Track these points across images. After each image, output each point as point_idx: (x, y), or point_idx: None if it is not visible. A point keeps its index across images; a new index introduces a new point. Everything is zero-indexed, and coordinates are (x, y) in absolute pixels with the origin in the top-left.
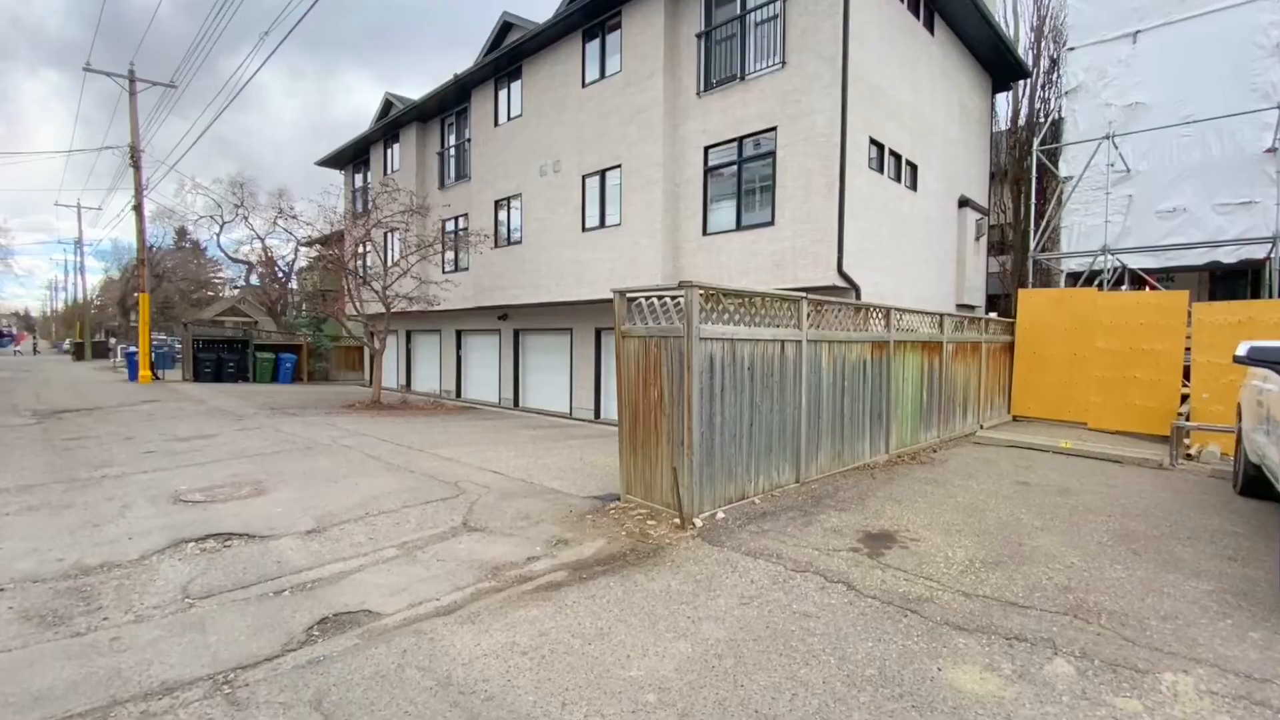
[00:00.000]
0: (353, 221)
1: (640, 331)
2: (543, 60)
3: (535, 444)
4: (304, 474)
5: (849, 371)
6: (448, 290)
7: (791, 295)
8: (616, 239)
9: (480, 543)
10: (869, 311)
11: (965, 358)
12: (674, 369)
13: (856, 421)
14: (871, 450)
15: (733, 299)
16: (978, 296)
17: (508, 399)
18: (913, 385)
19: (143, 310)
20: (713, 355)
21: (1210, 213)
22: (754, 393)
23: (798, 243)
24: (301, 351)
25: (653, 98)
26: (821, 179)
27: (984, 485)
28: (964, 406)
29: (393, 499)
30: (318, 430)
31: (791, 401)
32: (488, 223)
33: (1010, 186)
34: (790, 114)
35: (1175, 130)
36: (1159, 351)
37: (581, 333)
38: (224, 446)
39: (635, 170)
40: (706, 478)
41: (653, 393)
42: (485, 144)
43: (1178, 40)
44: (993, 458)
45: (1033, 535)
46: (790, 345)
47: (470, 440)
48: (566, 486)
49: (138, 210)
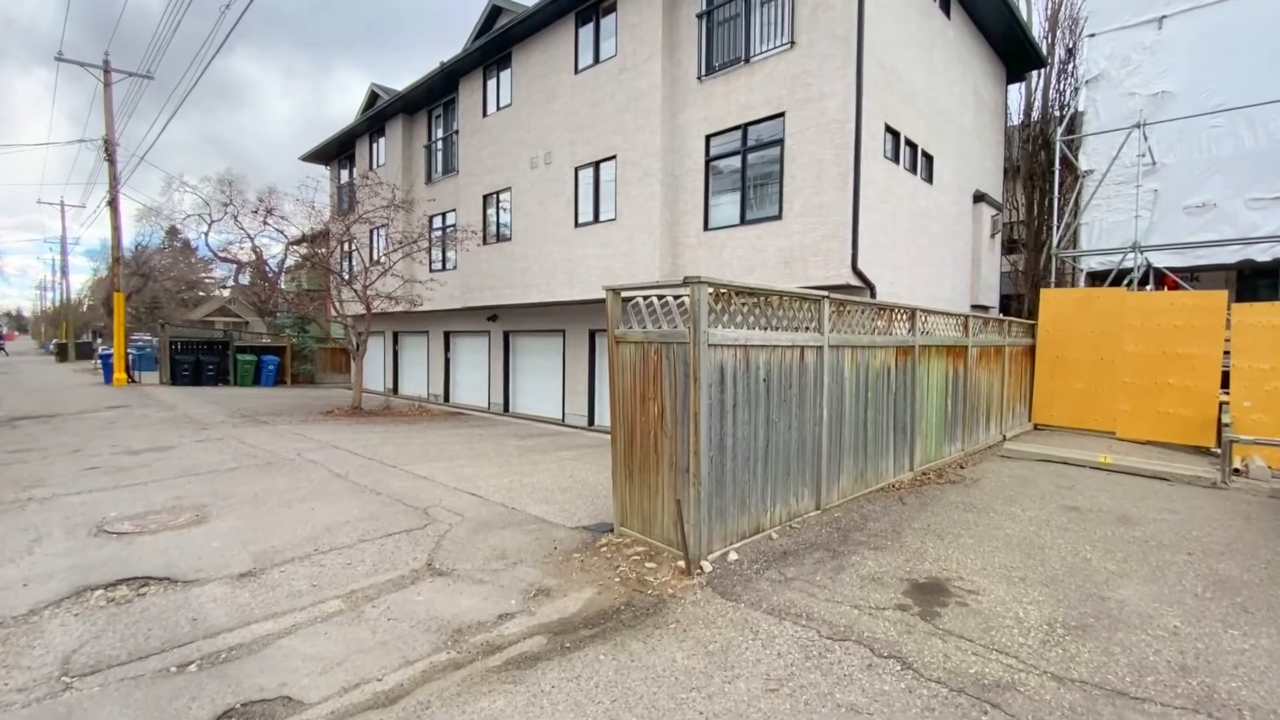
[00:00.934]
0: (337, 218)
1: (637, 336)
2: (533, 46)
3: (522, 457)
4: (256, 497)
5: (872, 380)
6: (433, 290)
7: (812, 294)
8: (611, 235)
9: (444, 592)
10: (893, 313)
11: (989, 363)
12: (677, 381)
13: (880, 437)
14: (895, 468)
15: (746, 298)
16: (993, 297)
17: (497, 404)
18: (937, 394)
19: (117, 311)
20: (723, 364)
21: (1242, 208)
22: (770, 407)
23: (808, 238)
24: (285, 353)
25: (650, 83)
26: (834, 169)
27: (1030, 512)
28: (987, 416)
29: (350, 530)
30: (285, 441)
31: (811, 416)
32: (476, 219)
33: (1023, 182)
34: (800, 98)
35: (1204, 121)
36: (1195, 356)
37: (574, 335)
38: (177, 462)
39: (631, 161)
40: (716, 511)
41: (652, 408)
42: (473, 135)
43: (1207, 25)
44: (1028, 475)
45: (1112, 584)
46: (810, 352)
47: (451, 453)
48: (552, 513)
49: (112, 206)
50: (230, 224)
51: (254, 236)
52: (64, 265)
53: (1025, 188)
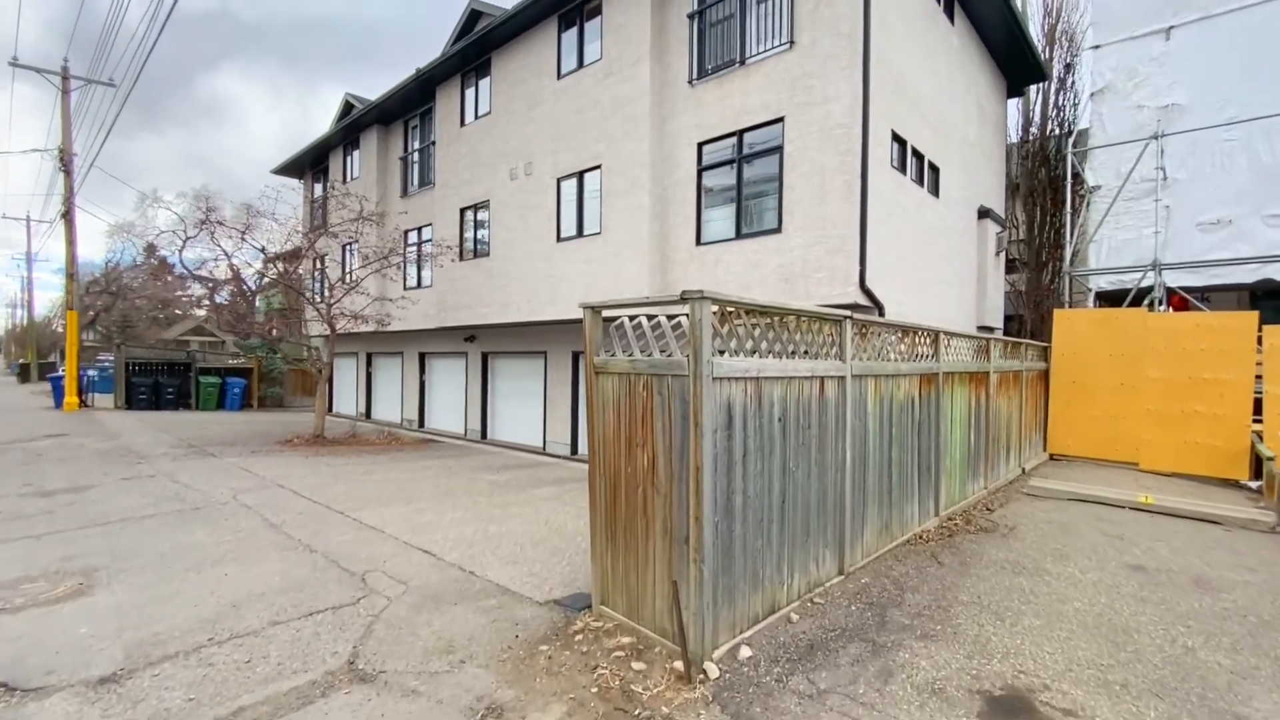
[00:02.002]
0: (308, 234)
1: (622, 366)
2: (514, 51)
3: (493, 496)
4: (163, 557)
5: (897, 414)
6: (405, 308)
7: (831, 314)
8: (596, 250)
9: (363, 711)
10: (916, 337)
11: (1007, 389)
12: (672, 423)
13: (905, 479)
14: (920, 514)
15: (758, 318)
16: (998, 317)
17: (474, 430)
18: (960, 426)
19: (70, 329)
20: (731, 402)
21: (1259, 225)
22: (786, 453)
23: (810, 253)
24: (252, 375)
25: (638, 88)
26: (839, 177)
27: (1090, 574)
28: (1007, 447)
29: (263, 606)
30: (225, 479)
31: (833, 461)
32: (453, 233)
33: (1022, 200)
34: (801, 102)
35: (1216, 135)
36: (1224, 382)
37: (557, 356)
38: (90, 507)
39: (617, 171)
40: (723, 592)
41: (640, 457)
42: (450, 145)
43: (1218, 35)
44: (1066, 521)
45: (1238, 690)
46: (831, 383)
47: (412, 492)
48: (519, 579)
49: (67, 218)
50: (206, 240)
51: (230, 255)
52: (29, 282)
53: (1025, 205)
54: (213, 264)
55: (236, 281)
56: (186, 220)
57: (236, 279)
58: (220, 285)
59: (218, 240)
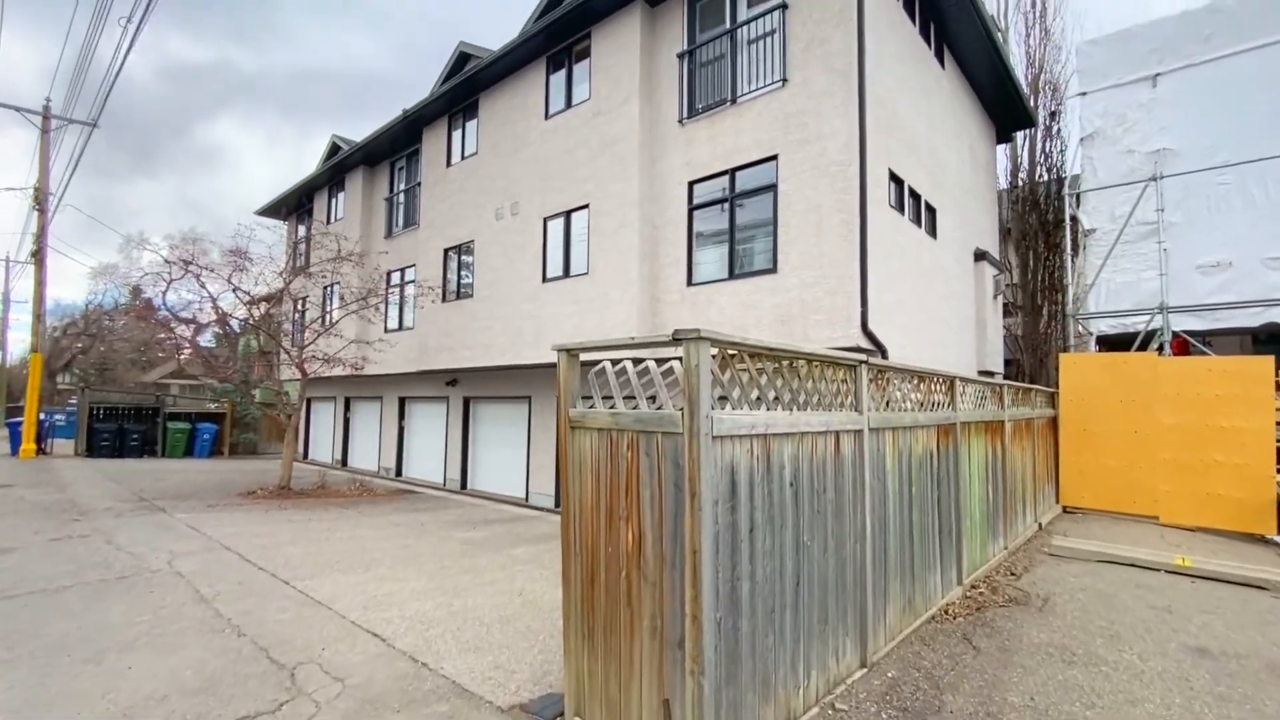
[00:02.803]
0: (289, 275)
1: (603, 420)
2: (501, 92)
3: (464, 559)
4: (61, 642)
5: (915, 471)
6: (383, 351)
7: (845, 358)
8: (583, 290)
9: None
10: (931, 383)
11: (1021, 439)
12: (663, 491)
13: (926, 544)
14: (944, 583)
15: (765, 361)
16: (998, 361)
17: (454, 480)
18: (979, 481)
19: (33, 373)
20: (734, 465)
21: (1260, 267)
22: (800, 524)
23: (808, 294)
24: (224, 421)
25: (627, 127)
26: (836, 215)
27: (1151, 661)
28: (1023, 501)
29: (162, 716)
30: (165, 541)
31: (852, 530)
32: (436, 274)
33: (1014, 244)
34: (795, 139)
35: (1210, 178)
36: (1242, 429)
37: (541, 402)
38: (2, 575)
39: (606, 211)
40: (728, 709)
41: (624, 534)
42: (435, 186)
43: (1204, 82)
44: (1103, 589)
45: None
46: (848, 439)
47: (375, 555)
48: (480, 674)
49: (37, 257)
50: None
51: (216, 297)
52: (4, 323)
53: (1018, 249)
54: (196, 306)
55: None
56: (171, 262)
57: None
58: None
59: (203, 282)
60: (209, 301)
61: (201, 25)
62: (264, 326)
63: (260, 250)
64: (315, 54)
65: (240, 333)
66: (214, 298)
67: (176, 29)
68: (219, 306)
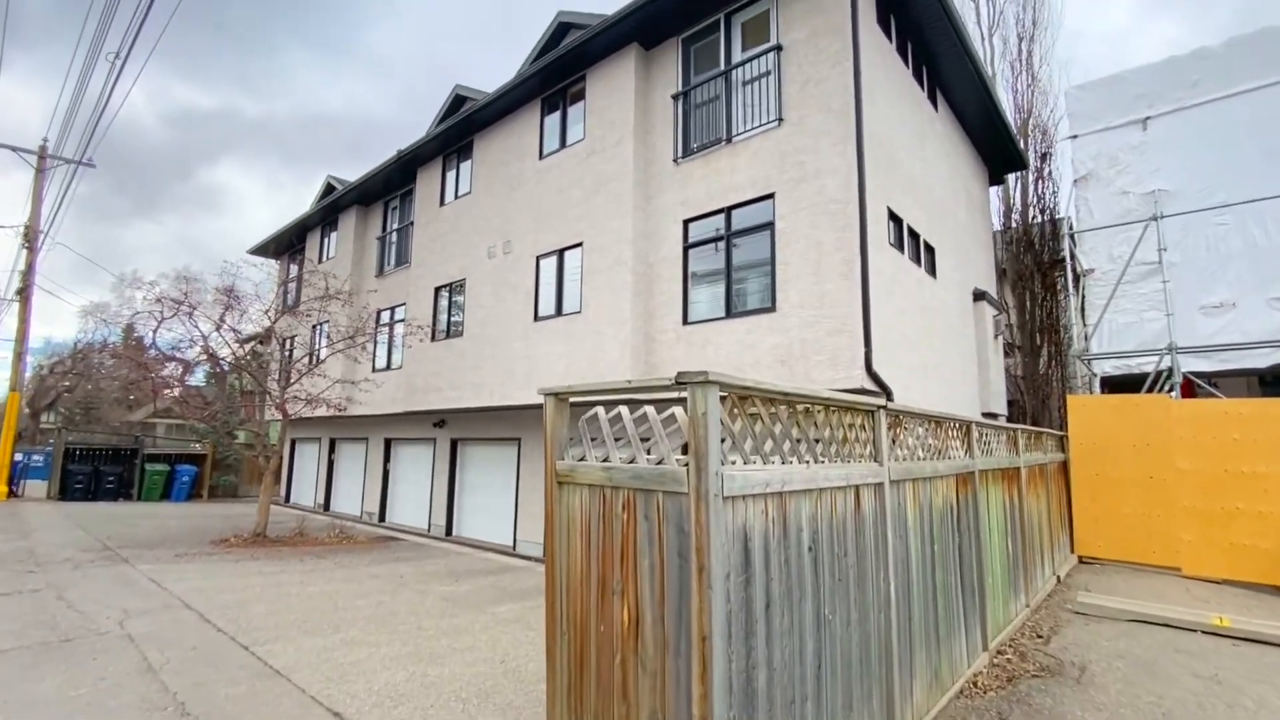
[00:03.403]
0: (267, 311)
1: (595, 475)
2: (496, 132)
3: (444, 619)
4: None
5: (936, 525)
6: (369, 391)
7: (863, 403)
8: (575, 329)
9: None
10: (948, 429)
11: (1035, 485)
12: (664, 561)
13: (950, 607)
14: (969, 650)
15: (780, 406)
16: (1001, 403)
17: (439, 526)
18: (999, 533)
19: (9, 412)
20: (748, 530)
21: (1264, 307)
22: (820, 595)
23: (808, 333)
24: (205, 462)
25: (621, 166)
26: (836, 254)
27: None
28: (1041, 553)
29: None
30: (122, 597)
31: (875, 598)
32: (426, 312)
33: (1011, 284)
34: (792, 178)
35: (1208, 218)
36: (1265, 475)
37: (531, 444)
38: None
39: (599, 249)
40: None
41: (618, 611)
42: (428, 225)
43: (1194, 125)
44: (1140, 653)
45: None
46: (868, 493)
47: (346, 615)
48: None
49: (22, 295)
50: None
51: (206, 336)
52: None
53: (1014, 290)
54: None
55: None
56: (163, 300)
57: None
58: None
59: (195, 321)
60: (199, 340)
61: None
62: (247, 367)
63: (247, 288)
64: (318, 100)
65: (227, 372)
66: (205, 336)
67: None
68: (209, 345)
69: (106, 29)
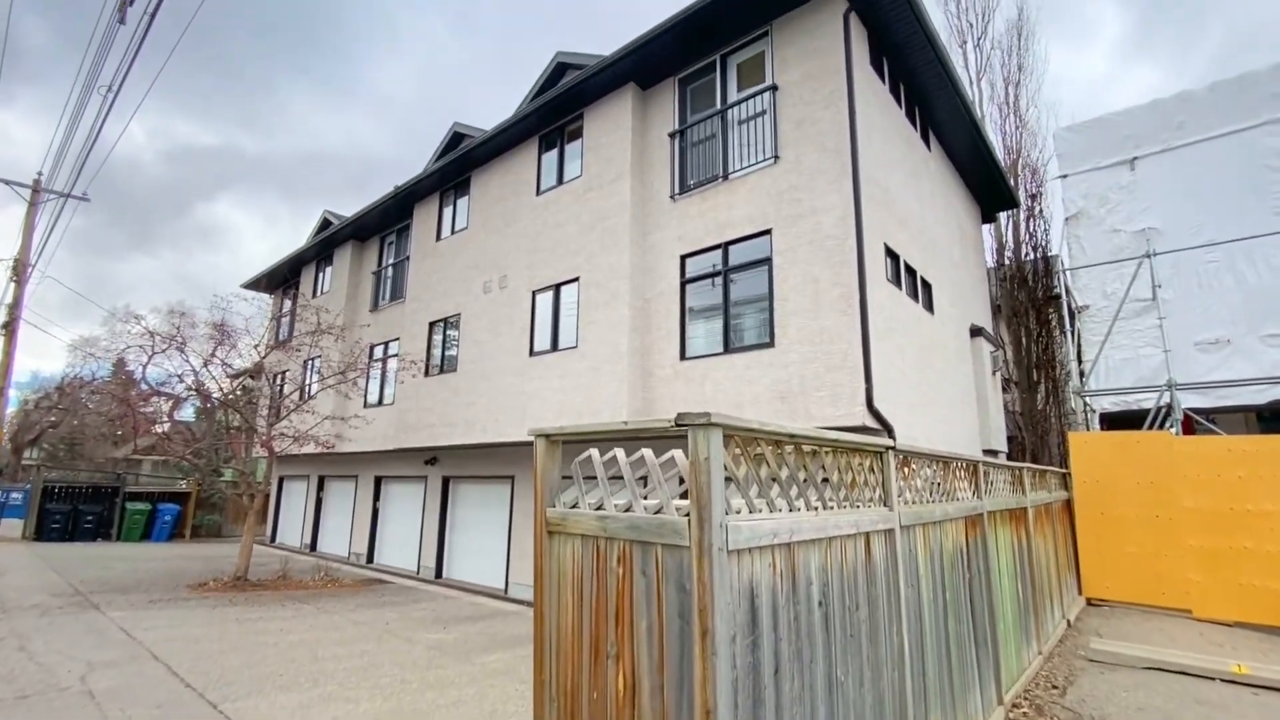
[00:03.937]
0: (257, 346)
1: (588, 525)
2: (494, 169)
3: (428, 670)
4: None
5: (948, 571)
6: (359, 427)
7: (869, 443)
8: (571, 365)
9: None
10: (954, 469)
11: (1042, 525)
12: (664, 622)
13: (964, 658)
14: (984, 704)
15: (786, 447)
16: (1001, 439)
17: (429, 568)
18: (1008, 577)
19: None
20: (754, 587)
21: (1259, 344)
22: (832, 655)
23: (808, 369)
24: (188, 501)
25: (618, 203)
26: (834, 289)
27: None
28: (1050, 596)
29: None
30: (87, 648)
31: (889, 654)
32: (420, 347)
33: (1007, 321)
34: (788, 214)
35: (1199, 255)
36: (1272, 513)
37: (524, 483)
38: None
39: (596, 284)
40: None
41: (613, 677)
42: (424, 260)
43: (1182, 165)
44: (1159, 704)
45: None
46: (878, 540)
47: (324, 666)
48: None
49: (7, 328)
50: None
51: (197, 371)
52: None
53: (1009, 326)
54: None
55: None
56: (155, 334)
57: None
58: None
59: (186, 356)
60: (190, 374)
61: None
62: (234, 403)
63: (238, 323)
64: (318, 137)
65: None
66: (195, 371)
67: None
68: (199, 380)
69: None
